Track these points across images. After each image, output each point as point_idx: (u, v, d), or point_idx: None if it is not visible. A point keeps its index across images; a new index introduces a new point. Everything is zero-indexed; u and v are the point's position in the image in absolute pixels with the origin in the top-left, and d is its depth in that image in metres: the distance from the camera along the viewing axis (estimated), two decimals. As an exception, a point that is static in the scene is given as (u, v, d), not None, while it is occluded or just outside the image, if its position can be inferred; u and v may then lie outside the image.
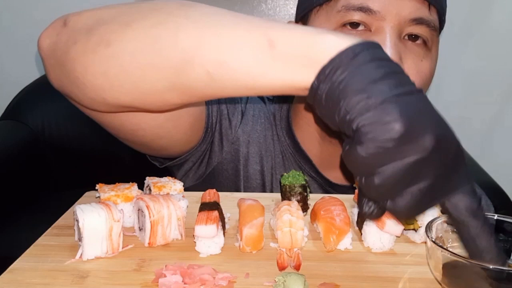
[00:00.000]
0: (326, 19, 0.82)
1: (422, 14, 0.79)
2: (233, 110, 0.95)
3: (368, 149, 0.46)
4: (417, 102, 0.47)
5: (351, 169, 0.50)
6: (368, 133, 0.46)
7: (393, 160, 0.46)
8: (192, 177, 0.94)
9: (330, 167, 0.93)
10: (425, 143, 0.45)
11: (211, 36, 0.54)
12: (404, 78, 0.49)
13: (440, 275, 0.55)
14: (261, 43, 0.52)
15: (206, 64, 0.54)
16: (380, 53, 0.50)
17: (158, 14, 0.57)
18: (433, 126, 0.46)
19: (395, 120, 0.45)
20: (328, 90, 0.48)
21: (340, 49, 0.49)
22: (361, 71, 0.47)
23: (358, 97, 0.46)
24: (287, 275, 0.54)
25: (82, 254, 0.61)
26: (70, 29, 0.63)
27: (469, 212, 0.49)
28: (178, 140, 0.84)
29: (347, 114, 0.47)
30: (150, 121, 0.72)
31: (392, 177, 0.46)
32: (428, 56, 0.82)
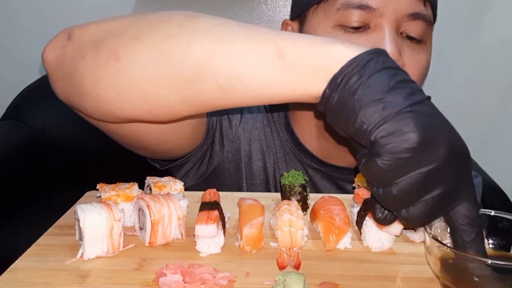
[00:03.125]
0: (324, 17, 0.83)
1: (419, 9, 0.81)
2: (233, 110, 0.95)
3: (387, 160, 0.47)
4: (430, 110, 0.49)
5: (369, 180, 0.51)
6: (387, 144, 0.47)
7: (410, 170, 0.47)
8: (193, 177, 0.94)
9: (331, 158, 0.94)
10: (440, 152, 0.47)
11: (222, 49, 0.54)
12: (414, 86, 0.50)
13: (439, 271, 0.55)
14: (271, 54, 0.53)
15: (218, 77, 0.55)
16: (389, 61, 0.51)
17: (167, 27, 0.58)
18: (446, 135, 0.48)
19: (412, 130, 0.46)
20: (341, 99, 0.49)
21: (349, 57, 0.50)
22: (373, 80, 0.48)
23: (374, 107, 0.47)
24: (287, 275, 0.54)
25: (83, 253, 0.61)
26: (76, 43, 0.63)
27: (468, 220, 0.51)
28: (181, 143, 0.84)
29: (363, 125, 0.48)
30: (155, 127, 0.73)
31: (409, 187, 0.48)
32: (424, 49, 0.85)
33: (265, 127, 0.97)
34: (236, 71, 0.54)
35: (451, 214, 0.51)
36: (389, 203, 0.51)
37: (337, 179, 0.96)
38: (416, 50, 0.83)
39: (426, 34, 0.83)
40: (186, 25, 0.57)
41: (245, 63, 0.54)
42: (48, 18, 1.81)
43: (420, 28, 0.82)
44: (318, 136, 0.92)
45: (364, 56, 0.50)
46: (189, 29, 0.57)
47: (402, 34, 0.82)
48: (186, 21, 0.58)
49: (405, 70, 0.52)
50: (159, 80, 0.57)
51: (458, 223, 0.51)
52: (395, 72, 0.50)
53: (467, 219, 0.50)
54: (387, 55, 0.52)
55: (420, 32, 0.82)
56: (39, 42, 2.08)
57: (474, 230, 0.51)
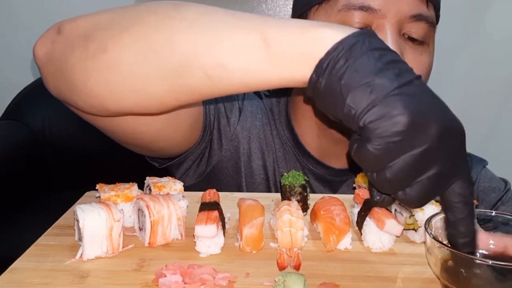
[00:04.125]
0: (325, 18, 0.83)
1: (421, 10, 0.80)
2: (231, 108, 0.95)
3: (378, 145, 0.47)
4: (419, 91, 0.48)
5: (361, 165, 0.50)
6: (376, 129, 0.46)
7: (402, 153, 0.47)
8: (192, 175, 0.94)
9: (329, 157, 0.94)
10: (431, 132, 0.46)
11: (208, 38, 0.54)
12: (402, 66, 0.49)
13: (439, 271, 0.55)
14: (257, 42, 0.52)
15: (204, 66, 0.54)
16: (376, 41, 0.50)
17: (153, 18, 0.57)
18: (437, 114, 0.47)
19: (401, 113, 0.46)
20: (328, 84, 0.49)
21: (335, 41, 0.49)
22: (360, 63, 0.48)
23: (361, 92, 0.47)
24: (287, 275, 0.54)
25: (82, 254, 0.61)
26: (65, 37, 0.63)
27: (462, 198, 0.51)
28: (178, 141, 0.84)
29: (351, 110, 0.48)
30: (150, 124, 0.72)
31: (402, 170, 0.47)
32: (427, 50, 0.84)
33: (265, 126, 0.96)
34: (222, 60, 0.54)
35: (446, 193, 0.51)
36: (384, 187, 0.50)
37: (332, 182, 0.96)
38: (419, 51, 0.82)
39: (428, 35, 0.83)
40: (171, 15, 0.57)
41: (230, 52, 0.53)
42: (49, 18, 1.80)
43: (423, 30, 0.81)
44: (319, 135, 0.92)
45: (350, 39, 0.49)
46: (175, 18, 0.56)
47: (404, 36, 0.81)
48: (172, 11, 0.57)
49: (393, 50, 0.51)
50: (146, 71, 0.57)
51: (452, 201, 0.51)
52: (382, 53, 0.49)
53: (460, 196, 0.50)
54: (374, 35, 0.51)
55: (423, 34, 0.81)
56: (39, 42, 2.04)
57: (467, 208, 0.51)
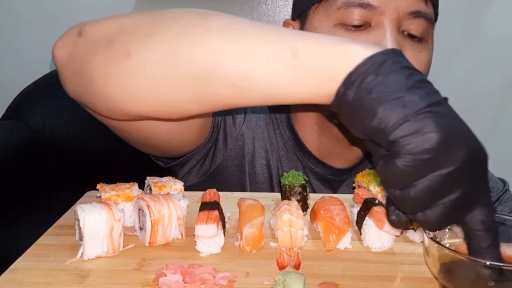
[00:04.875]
0: (325, 16, 0.83)
1: (420, 7, 0.81)
2: (237, 108, 0.95)
3: (407, 161, 0.46)
4: (448, 112, 0.48)
5: (386, 181, 0.49)
6: (407, 144, 0.45)
7: (430, 171, 0.46)
8: (196, 174, 0.94)
9: (330, 157, 0.94)
10: (460, 154, 0.46)
11: (235, 48, 0.54)
12: (431, 86, 0.49)
13: (437, 272, 0.55)
14: (285, 55, 0.52)
15: (230, 77, 0.54)
16: (405, 61, 0.50)
17: (179, 25, 0.57)
18: (466, 137, 0.47)
19: (433, 131, 0.45)
20: (356, 97, 0.48)
21: (365, 57, 0.49)
22: (390, 79, 0.47)
23: (393, 106, 0.46)
24: (287, 274, 0.54)
25: (83, 253, 0.61)
26: (87, 39, 0.62)
27: (484, 226, 0.49)
28: (187, 141, 0.85)
29: (381, 123, 0.47)
30: (164, 125, 0.72)
31: (428, 189, 0.47)
32: (426, 47, 0.84)
33: (268, 125, 0.97)
34: (248, 71, 0.53)
35: (466, 219, 0.50)
36: (406, 206, 0.49)
37: (332, 181, 0.96)
38: (418, 48, 0.83)
39: (427, 32, 0.83)
40: (198, 23, 0.56)
41: (258, 63, 0.53)
42: (49, 18, 1.81)
43: (421, 26, 0.81)
44: (319, 134, 0.93)
45: (380, 56, 0.49)
46: (202, 27, 0.56)
47: (403, 32, 0.82)
48: (199, 19, 0.57)
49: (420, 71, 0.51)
50: (170, 78, 0.56)
51: (474, 229, 0.50)
52: (412, 72, 0.49)
53: (483, 224, 0.49)
54: (402, 55, 0.51)
55: (421, 31, 0.82)
56: (40, 42, 2.08)
57: (490, 236, 0.50)
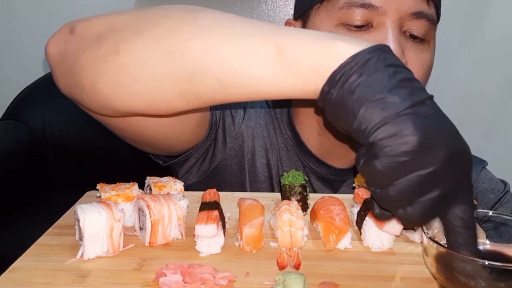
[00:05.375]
0: (327, 16, 0.83)
1: (422, 8, 0.81)
2: (236, 106, 0.96)
3: (385, 163, 0.47)
4: (431, 112, 0.48)
5: (366, 180, 0.51)
6: (385, 147, 0.46)
7: (408, 172, 0.47)
8: (195, 173, 0.94)
9: (330, 157, 0.94)
10: (439, 156, 0.46)
11: (222, 45, 0.54)
12: (416, 84, 0.49)
13: (435, 271, 0.55)
14: (271, 51, 0.53)
15: (217, 73, 0.55)
16: (391, 58, 0.50)
17: (167, 22, 0.57)
18: (446, 137, 0.47)
19: (411, 133, 0.46)
20: (340, 96, 0.49)
21: (350, 54, 0.49)
22: (373, 79, 0.48)
23: (373, 108, 0.47)
24: (287, 274, 0.54)
25: (83, 253, 0.61)
26: (78, 37, 0.63)
27: (463, 223, 0.51)
28: (184, 139, 0.85)
29: (361, 125, 0.48)
30: (158, 122, 0.73)
31: (406, 189, 0.48)
32: (428, 48, 0.85)
33: (268, 124, 0.97)
34: (235, 68, 0.54)
35: (447, 216, 0.51)
36: (386, 203, 0.51)
37: (333, 181, 0.96)
38: (420, 49, 0.83)
39: (429, 33, 0.83)
40: (187, 20, 0.57)
41: (244, 60, 0.54)
42: (49, 17, 1.81)
43: (424, 27, 0.82)
44: (319, 133, 0.93)
45: (365, 54, 0.49)
46: (190, 24, 0.57)
47: (405, 33, 0.82)
48: (187, 16, 0.58)
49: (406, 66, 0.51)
50: (158, 75, 0.57)
51: (453, 225, 0.51)
52: (396, 70, 0.49)
53: (462, 221, 0.50)
54: (389, 51, 0.51)
55: (423, 31, 0.82)
56: (40, 42, 2.07)
57: (469, 233, 0.51)
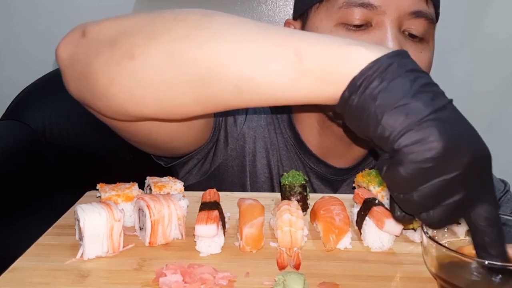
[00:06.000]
0: (326, 16, 0.83)
1: (421, 7, 0.81)
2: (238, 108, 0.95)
3: (410, 169, 0.46)
4: (453, 116, 0.48)
5: (390, 186, 0.50)
6: (410, 153, 0.46)
7: (433, 178, 0.47)
8: (196, 174, 0.94)
9: (331, 156, 0.94)
10: (463, 160, 0.46)
11: (238, 50, 0.54)
12: (436, 89, 0.49)
13: (435, 271, 0.55)
14: (289, 57, 0.52)
15: (233, 78, 0.54)
16: (410, 63, 0.50)
17: (182, 26, 0.57)
18: (469, 142, 0.47)
19: (436, 140, 0.46)
20: (361, 102, 0.49)
21: (370, 60, 0.49)
22: (395, 85, 0.48)
23: (396, 114, 0.47)
24: (287, 274, 0.54)
25: (83, 253, 0.61)
26: (90, 40, 0.62)
27: (488, 222, 0.50)
28: (189, 141, 0.85)
29: (385, 131, 0.47)
30: (165, 126, 0.72)
31: (430, 194, 0.47)
32: (427, 48, 0.85)
33: (269, 125, 0.97)
34: (252, 73, 0.53)
35: (471, 216, 0.51)
36: (410, 208, 0.50)
37: (333, 181, 0.96)
38: (419, 49, 0.83)
39: (428, 32, 0.83)
40: (202, 25, 0.56)
41: (261, 66, 0.53)
42: (49, 18, 1.81)
43: (423, 26, 0.82)
44: (319, 132, 0.93)
45: (386, 59, 0.49)
46: (205, 28, 0.56)
47: (404, 32, 0.82)
48: (202, 20, 0.57)
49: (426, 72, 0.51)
50: (173, 80, 0.56)
51: (478, 224, 0.50)
52: (417, 75, 0.49)
53: (487, 220, 0.50)
54: (408, 56, 0.51)
55: (422, 30, 0.82)
56: (40, 42, 2.08)
57: (495, 231, 0.50)
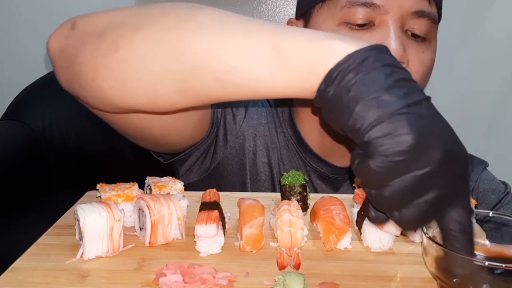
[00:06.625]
0: (329, 15, 0.83)
1: (423, 7, 0.81)
2: (237, 105, 0.96)
3: (380, 162, 0.46)
4: (427, 112, 0.48)
5: (361, 180, 0.51)
6: (380, 146, 0.46)
7: (403, 173, 0.47)
8: (196, 172, 0.94)
9: (331, 155, 0.94)
10: (435, 156, 0.46)
11: (220, 42, 0.54)
12: (412, 85, 0.49)
13: (435, 272, 0.55)
14: (268, 50, 0.52)
15: (215, 70, 0.55)
16: (388, 58, 0.50)
17: (166, 19, 0.58)
18: (442, 138, 0.47)
19: (406, 133, 0.45)
20: (336, 94, 0.49)
21: (347, 53, 0.49)
22: (370, 78, 0.48)
23: (368, 106, 0.47)
24: (287, 274, 0.54)
25: (83, 253, 0.61)
26: (79, 33, 0.63)
27: (460, 227, 0.50)
28: (186, 136, 0.85)
29: (356, 123, 0.47)
30: (159, 119, 0.73)
31: (401, 190, 0.47)
32: (429, 48, 0.85)
33: (269, 123, 0.97)
34: (232, 65, 0.54)
35: (444, 220, 0.51)
36: (380, 205, 0.50)
37: (334, 180, 0.96)
38: (421, 49, 0.83)
39: (430, 32, 0.84)
40: (186, 17, 0.57)
41: (241, 58, 0.54)
42: (49, 17, 1.81)
43: (425, 26, 0.82)
44: (320, 131, 0.93)
45: (362, 53, 0.49)
46: (189, 21, 0.57)
47: (407, 32, 0.82)
48: (186, 13, 0.58)
49: (407, 69, 0.51)
50: (157, 71, 0.57)
51: (449, 229, 0.50)
52: (393, 70, 0.49)
53: (459, 225, 0.50)
54: (387, 51, 0.51)
55: (425, 30, 0.82)
56: (40, 42, 2.07)
57: (465, 237, 0.50)
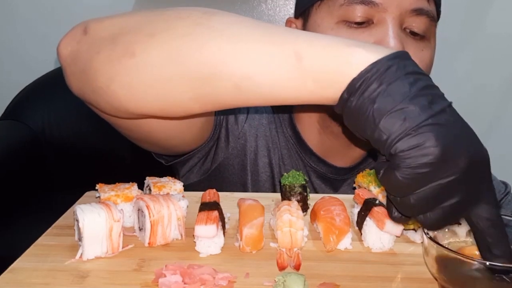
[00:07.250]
0: (327, 14, 0.83)
1: (422, 4, 0.81)
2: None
3: (406, 174, 0.46)
4: (451, 120, 0.48)
5: (386, 189, 0.51)
6: (407, 158, 0.46)
7: (429, 182, 0.47)
8: (197, 173, 0.94)
9: (331, 156, 0.94)
10: (460, 165, 0.46)
11: (239, 49, 0.54)
12: (436, 92, 0.49)
13: (436, 272, 0.55)
14: (288, 56, 0.52)
15: (233, 77, 0.54)
16: (410, 65, 0.50)
17: (183, 24, 0.57)
18: (466, 146, 0.47)
19: (433, 145, 0.46)
20: (359, 105, 0.49)
21: (369, 62, 0.49)
22: (394, 88, 0.47)
23: (394, 118, 0.47)
24: (287, 275, 0.54)
25: (82, 254, 0.61)
26: (91, 38, 0.62)
27: (490, 223, 0.50)
28: (190, 139, 0.85)
29: (383, 135, 0.47)
30: (166, 124, 0.72)
31: (427, 198, 0.48)
32: (428, 46, 0.85)
33: (270, 124, 0.97)
34: (251, 72, 0.53)
35: (472, 217, 0.51)
36: (406, 210, 0.50)
37: (334, 180, 0.96)
38: (420, 47, 0.83)
39: (429, 30, 0.83)
40: (202, 23, 0.56)
41: (261, 65, 0.53)
42: (49, 17, 1.81)
43: (424, 24, 0.82)
44: (320, 131, 0.93)
45: (385, 61, 0.49)
46: (206, 27, 0.56)
47: (405, 30, 0.82)
48: (203, 19, 0.57)
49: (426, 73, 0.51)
50: (173, 78, 0.56)
51: (480, 226, 0.50)
52: (417, 78, 0.49)
53: (487, 221, 0.50)
54: (409, 58, 0.51)
55: (424, 28, 0.82)
56: (40, 41, 2.07)
57: (497, 231, 0.50)
